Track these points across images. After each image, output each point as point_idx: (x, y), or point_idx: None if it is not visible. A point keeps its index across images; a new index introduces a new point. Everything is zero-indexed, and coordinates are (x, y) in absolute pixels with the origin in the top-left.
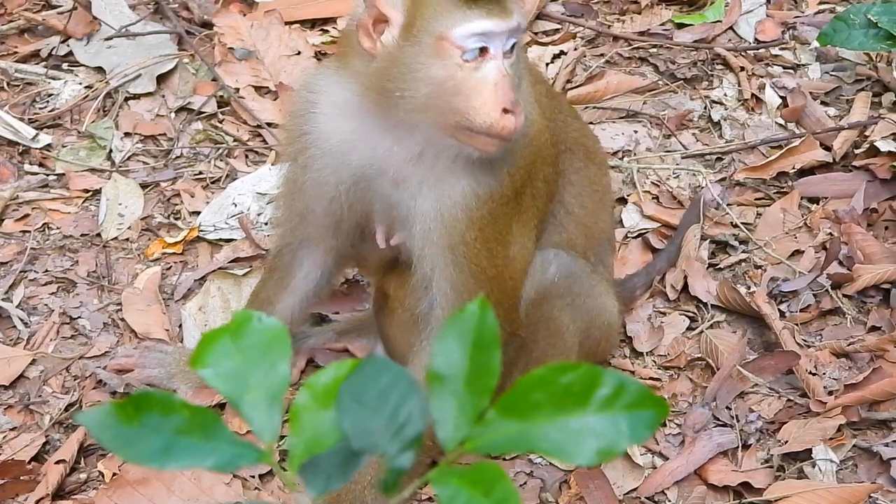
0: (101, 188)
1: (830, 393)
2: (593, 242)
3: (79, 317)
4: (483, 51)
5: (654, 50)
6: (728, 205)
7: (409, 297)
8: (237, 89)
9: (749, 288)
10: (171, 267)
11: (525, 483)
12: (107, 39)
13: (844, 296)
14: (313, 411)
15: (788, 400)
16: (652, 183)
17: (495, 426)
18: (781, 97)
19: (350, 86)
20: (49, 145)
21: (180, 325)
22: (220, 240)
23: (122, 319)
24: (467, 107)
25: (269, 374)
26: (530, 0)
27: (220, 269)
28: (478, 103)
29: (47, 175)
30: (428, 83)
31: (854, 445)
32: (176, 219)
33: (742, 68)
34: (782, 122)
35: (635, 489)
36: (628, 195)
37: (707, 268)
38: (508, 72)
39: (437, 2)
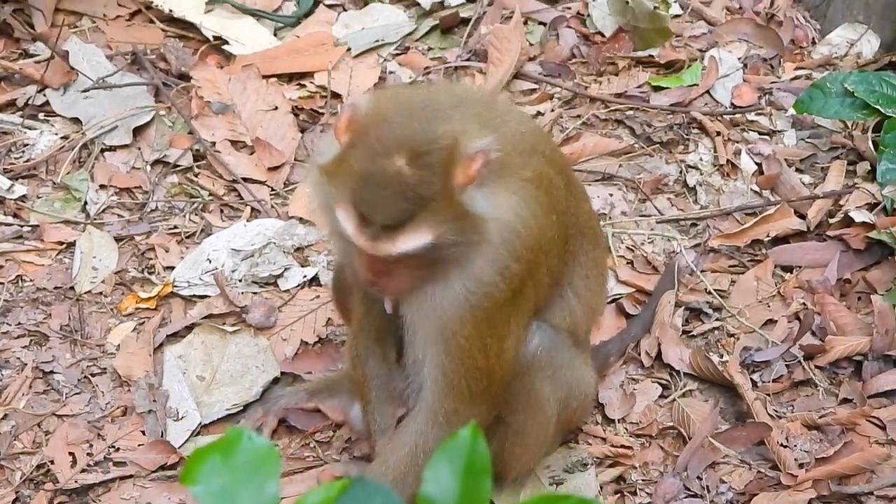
0: (75, 241)
1: (801, 465)
2: (594, 324)
3: (51, 371)
4: None
5: (631, 112)
6: (702, 271)
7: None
8: (213, 143)
9: (722, 356)
10: (144, 322)
11: None
12: (84, 91)
13: (817, 367)
14: None
15: (759, 472)
16: (627, 247)
17: None
18: (757, 164)
19: None
20: (24, 196)
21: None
22: (194, 296)
23: (94, 374)
24: None
25: (258, 493)
26: (508, 59)
27: (207, 322)
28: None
29: (21, 226)
30: None
31: None
32: (150, 273)
33: (718, 133)
34: (757, 189)
35: None
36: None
37: (681, 335)
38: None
39: (342, 178)
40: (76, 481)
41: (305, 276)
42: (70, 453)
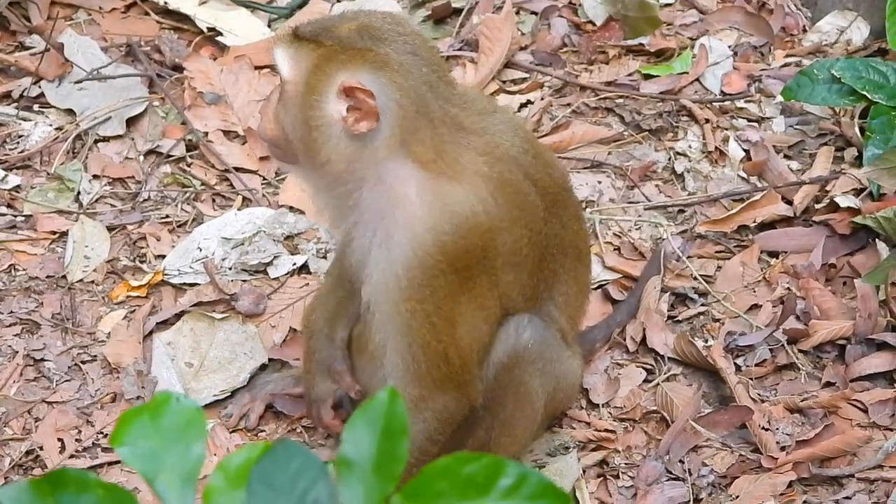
0: (68, 230)
1: (783, 448)
2: (576, 329)
3: (42, 359)
4: None
5: (621, 100)
6: (688, 257)
7: (367, 344)
8: (206, 133)
9: (707, 341)
10: (134, 310)
11: None
12: (77, 82)
13: (800, 351)
14: (225, 492)
15: (741, 455)
16: (614, 234)
17: None
18: (745, 150)
19: None
20: (18, 186)
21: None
22: (185, 284)
23: (85, 362)
24: None
25: (184, 455)
26: (498, 49)
27: (197, 309)
28: None
29: (15, 216)
30: None
31: (805, 502)
32: (141, 262)
33: (707, 120)
34: (745, 175)
35: None
36: (590, 246)
37: (666, 320)
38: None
39: None
40: (64, 467)
41: (295, 264)
42: (59, 439)
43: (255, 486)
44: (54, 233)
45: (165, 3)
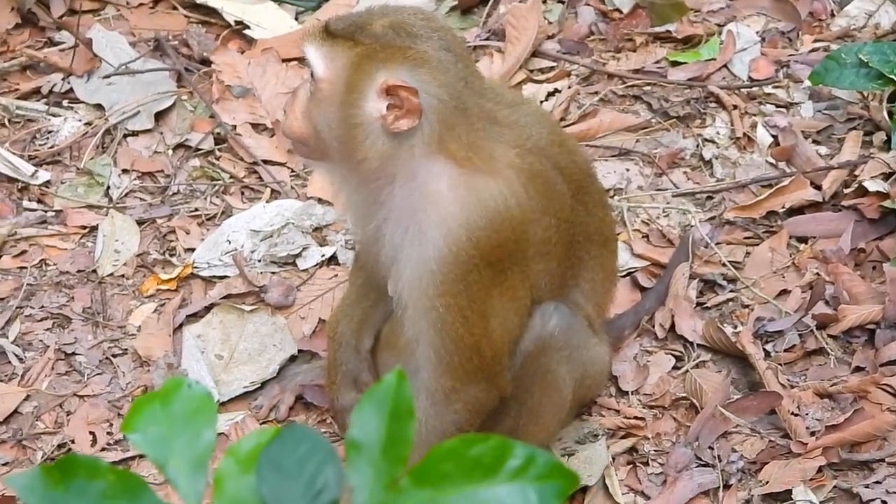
0: (97, 225)
1: (813, 433)
2: (602, 316)
3: (73, 353)
4: None
5: (649, 88)
6: (717, 244)
7: (397, 341)
8: (234, 126)
9: (736, 327)
10: (164, 303)
11: None
12: (106, 77)
13: (829, 336)
14: (235, 477)
15: (770, 440)
16: (642, 221)
17: (408, 494)
18: (773, 136)
19: None
20: (48, 182)
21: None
22: (214, 277)
23: (115, 355)
24: None
25: (194, 440)
26: (525, 38)
27: (226, 301)
28: None
29: (45, 211)
30: None
31: (835, 486)
32: (171, 255)
33: (735, 106)
34: (773, 161)
35: None
36: (618, 234)
37: (695, 307)
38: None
39: None
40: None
41: (324, 256)
42: (90, 433)
43: (264, 471)
44: (84, 227)
45: None
